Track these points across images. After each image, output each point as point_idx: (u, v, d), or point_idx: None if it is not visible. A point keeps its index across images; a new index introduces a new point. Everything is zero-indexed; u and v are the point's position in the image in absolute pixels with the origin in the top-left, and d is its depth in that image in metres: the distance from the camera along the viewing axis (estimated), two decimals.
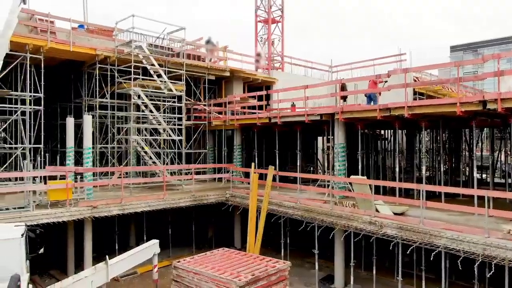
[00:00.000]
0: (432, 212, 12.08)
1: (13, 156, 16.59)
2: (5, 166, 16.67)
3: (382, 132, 23.66)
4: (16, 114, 16.09)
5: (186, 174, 19.75)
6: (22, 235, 8.05)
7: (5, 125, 16.76)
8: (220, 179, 20.57)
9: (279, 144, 18.54)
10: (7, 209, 12.35)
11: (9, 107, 16.27)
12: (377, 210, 12.49)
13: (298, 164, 17.77)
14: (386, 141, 23.75)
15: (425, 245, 10.95)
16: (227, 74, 23.02)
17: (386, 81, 16.26)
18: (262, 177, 16.05)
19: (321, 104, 22.58)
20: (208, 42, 23.65)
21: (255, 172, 15.87)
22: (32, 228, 9.39)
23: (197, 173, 19.99)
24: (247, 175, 19.11)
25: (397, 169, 15.54)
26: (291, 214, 14.72)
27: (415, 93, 20.66)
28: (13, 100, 16.38)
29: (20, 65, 15.85)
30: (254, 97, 21.44)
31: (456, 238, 10.11)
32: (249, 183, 16.58)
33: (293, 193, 15.78)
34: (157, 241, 11.90)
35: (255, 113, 19.74)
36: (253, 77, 24.49)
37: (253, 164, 17.20)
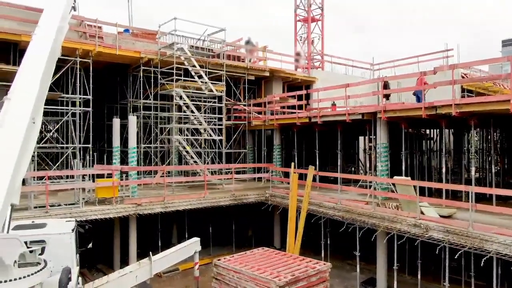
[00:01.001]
0: (482, 215, 11.44)
1: (65, 155, 17.51)
2: (57, 164, 17.64)
3: (428, 131, 22.75)
4: (67, 115, 17.02)
5: (226, 173, 19.96)
6: (73, 230, 8.45)
7: (57, 126, 17.72)
8: (259, 179, 20.62)
9: (319, 144, 18.31)
10: (59, 205, 13.05)
11: (60, 109, 17.21)
12: (422, 212, 12.01)
13: (338, 164, 17.46)
14: (432, 141, 22.81)
15: (475, 250, 10.39)
16: (267, 74, 23.04)
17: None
18: (301, 177, 15.92)
19: (363, 103, 22.05)
20: (247, 42, 23.81)
21: (294, 172, 15.77)
22: (81, 223, 9.83)
23: (237, 172, 20.14)
24: (286, 175, 19.02)
25: (443, 170, 14.86)
26: (332, 215, 14.49)
27: (463, 90, 19.69)
28: (64, 102, 17.32)
29: (71, 69, 16.73)
30: (293, 96, 21.30)
31: (509, 243, 9.52)
32: (288, 183, 16.51)
33: (333, 193, 15.53)
34: (198, 239, 12.11)
35: (294, 112, 19.60)
36: (292, 77, 24.36)
37: (292, 164, 17.10)
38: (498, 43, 75.40)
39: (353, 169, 24.57)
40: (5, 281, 5.89)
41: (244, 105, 22.36)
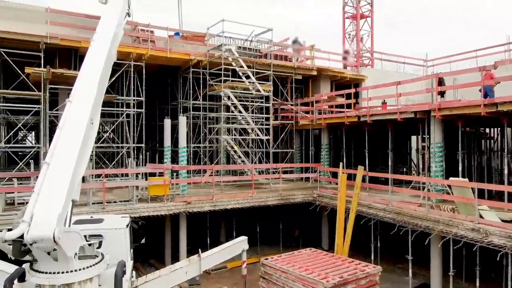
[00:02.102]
0: None
1: (120, 155, 18.41)
2: (113, 163, 18.59)
3: (487, 130, 21.38)
4: (122, 117, 17.90)
5: (273, 173, 19.99)
6: (127, 225, 8.85)
7: (113, 126, 18.65)
8: (307, 179, 20.45)
9: (369, 144, 17.80)
10: (114, 202, 13.74)
11: (116, 110, 18.10)
12: (481, 216, 11.31)
13: (389, 164, 16.89)
14: (492, 140, 21.40)
15: None
16: (314, 73, 22.79)
17: None
18: (350, 177, 15.57)
19: (415, 101, 21.15)
20: (295, 42, 23.67)
21: (343, 172, 15.46)
22: (135, 220, 10.26)
23: (284, 172, 20.10)
24: (334, 175, 18.68)
25: (505, 171, 13.91)
26: (382, 217, 14.04)
27: None
28: (120, 104, 18.21)
29: (125, 72, 17.55)
30: (342, 95, 20.90)
31: None
32: (337, 183, 16.21)
33: (384, 194, 15.04)
34: (246, 237, 12.20)
35: (343, 112, 19.23)
36: (341, 75, 23.90)
37: (341, 164, 16.75)
38: None
39: (404, 169, 23.62)
40: (67, 272, 6.28)
41: (292, 105, 22.27)
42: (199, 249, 10.68)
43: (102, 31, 9.02)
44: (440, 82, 16.27)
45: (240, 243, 11.90)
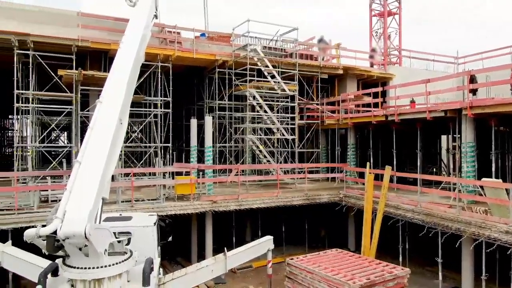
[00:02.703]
0: None
1: (147, 154, 18.79)
2: (141, 162, 19.00)
3: None
4: (149, 117, 18.28)
5: (299, 172, 19.90)
6: (155, 223, 9.02)
7: (141, 126, 19.07)
8: (333, 179, 20.24)
9: (397, 143, 17.45)
10: (142, 200, 14.03)
11: (144, 111, 18.49)
12: None
13: (418, 164, 16.49)
14: None
15: None
16: (340, 72, 22.54)
17: None
18: (377, 177, 15.31)
19: (445, 99, 20.55)
20: (320, 40, 23.47)
21: (370, 173, 15.21)
22: (162, 218, 10.46)
23: (310, 172, 19.97)
24: (361, 175, 18.41)
25: None
26: (410, 218, 13.73)
27: None
28: (147, 105, 18.59)
29: (153, 73, 17.91)
30: (368, 94, 20.58)
31: None
32: (363, 184, 15.97)
33: (412, 195, 14.69)
34: (271, 237, 12.19)
35: (370, 111, 18.91)
36: (367, 74, 23.54)
37: (368, 164, 16.47)
38: None
39: (434, 170, 23.01)
40: (98, 267, 6.47)
41: (317, 104, 22.11)
42: (225, 248, 10.76)
43: (130, 33, 9.23)
44: (472, 79, 15.73)
45: (265, 243, 11.91)
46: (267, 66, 19.26)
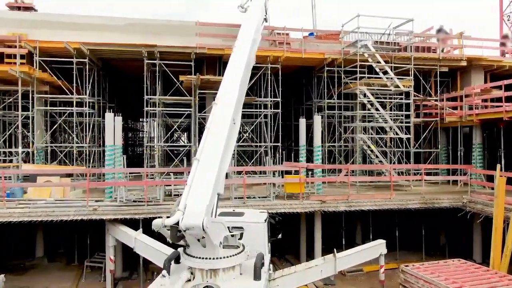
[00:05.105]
0: None
1: (258, 153, 19.50)
2: (252, 161, 19.80)
3: None
4: (260, 117, 18.96)
5: (414, 174, 18.61)
6: (265, 220, 9.31)
7: (252, 126, 19.88)
8: (454, 182, 18.45)
9: None
10: (253, 197, 14.60)
11: (255, 111, 19.26)
12: None
13: None
14: None
15: None
16: (463, 63, 20.39)
17: None
18: (510, 181, 13.47)
19: None
20: (439, 30, 21.58)
21: (501, 176, 13.46)
22: (272, 215, 10.73)
23: (428, 174, 18.54)
24: (490, 178, 16.41)
25: None
26: None
27: None
28: (258, 105, 19.29)
29: (263, 75, 18.53)
30: (499, 87, 18.20)
31: None
32: (492, 188, 14.21)
33: None
34: (384, 241, 11.63)
35: (501, 106, 16.72)
36: (497, 64, 20.82)
37: (498, 165, 14.58)
38: None
39: None
40: (214, 258, 6.92)
41: (436, 100, 20.35)
42: (334, 249, 10.59)
43: (242, 38, 9.66)
44: None
45: (377, 247, 11.44)
46: (378, 62, 18.40)
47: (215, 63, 19.15)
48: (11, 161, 17.22)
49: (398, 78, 18.40)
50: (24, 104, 17.01)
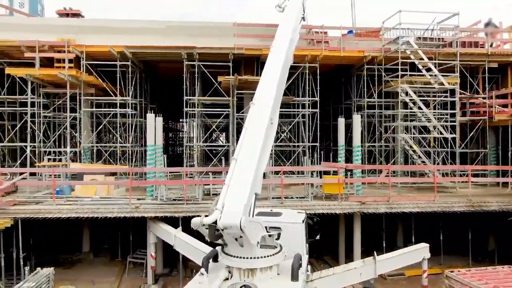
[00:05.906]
0: None
1: (296, 153, 19.38)
2: (290, 161, 19.72)
3: None
4: (298, 117, 18.86)
5: (460, 175, 17.80)
6: (303, 221, 9.23)
7: (290, 126, 19.80)
8: (504, 184, 17.47)
9: None
10: (291, 197, 14.54)
11: (292, 111, 19.18)
12: None
13: None
14: None
15: None
16: None
17: None
18: None
19: None
20: (488, 24, 20.47)
21: None
22: (310, 216, 10.62)
23: (475, 175, 17.66)
24: None
25: None
26: None
27: None
28: (295, 105, 19.18)
29: (301, 74, 18.39)
30: None
31: None
32: None
33: None
34: (427, 245, 11.24)
35: None
36: None
37: None
38: None
39: None
40: (252, 258, 6.94)
41: (484, 98, 19.35)
42: (374, 252, 10.35)
43: (279, 38, 9.65)
44: None
45: (420, 250, 11.09)
46: (421, 59, 17.73)
47: (252, 63, 19.22)
48: (60, 160, 18.13)
49: (442, 75, 17.65)
50: (72, 106, 17.86)
